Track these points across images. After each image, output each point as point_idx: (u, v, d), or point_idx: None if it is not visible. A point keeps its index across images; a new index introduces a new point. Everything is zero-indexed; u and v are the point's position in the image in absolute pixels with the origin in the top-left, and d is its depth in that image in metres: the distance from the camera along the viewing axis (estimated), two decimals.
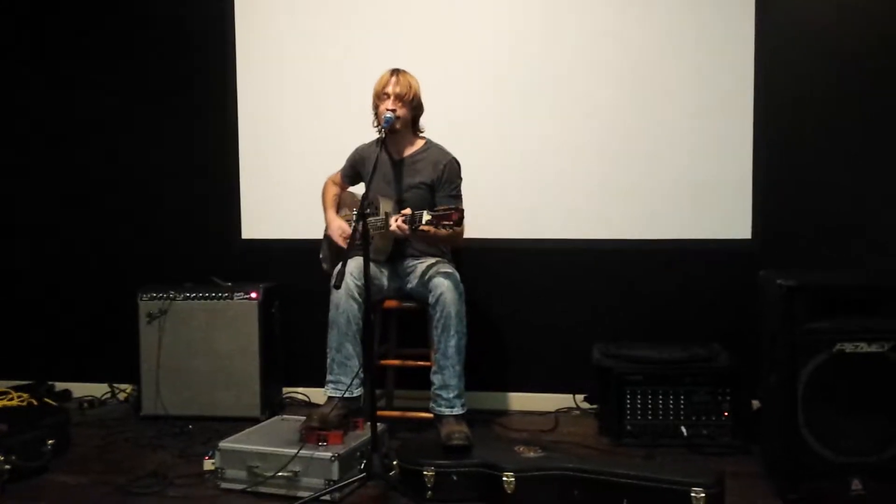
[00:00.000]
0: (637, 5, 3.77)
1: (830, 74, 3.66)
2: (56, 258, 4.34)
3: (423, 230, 2.99)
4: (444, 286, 3.12)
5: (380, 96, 3.28)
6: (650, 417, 3.36)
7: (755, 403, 3.31)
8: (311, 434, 2.89)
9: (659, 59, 3.77)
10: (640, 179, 3.81)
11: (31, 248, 4.36)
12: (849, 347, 2.64)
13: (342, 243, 3.33)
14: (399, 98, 3.23)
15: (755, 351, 3.11)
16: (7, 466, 2.88)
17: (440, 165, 3.31)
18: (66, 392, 4.25)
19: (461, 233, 3.28)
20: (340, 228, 3.39)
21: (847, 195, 3.66)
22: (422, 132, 3.42)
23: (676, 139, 3.78)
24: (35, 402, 3.89)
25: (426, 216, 2.91)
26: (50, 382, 4.25)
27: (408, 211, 3.00)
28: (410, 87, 3.26)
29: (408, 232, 3.01)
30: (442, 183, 3.31)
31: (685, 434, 3.29)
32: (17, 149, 4.36)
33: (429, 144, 3.40)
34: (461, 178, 3.37)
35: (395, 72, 3.28)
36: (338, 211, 3.54)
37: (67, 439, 3.36)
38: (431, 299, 3.15)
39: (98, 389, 4.20)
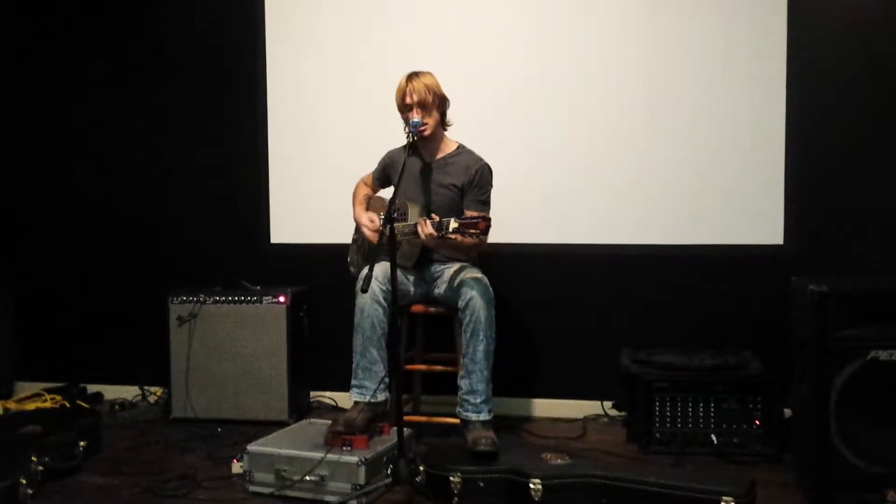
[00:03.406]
0: (666, 7, 3.75)
1: (864, 77, 3.60)
2: (88, 262, 4.40)
3: (448, 238, 3.01)
4: (474, 291, 3.12)
5: (402, 109, 3.26)
6: (679, 425, 3.32)
7: (787, 412, 3.25)
8: (337, 438, 2.90)
9: (688, 62, 3.74)
10: (670, 184, 3.77)
11: (64, 253, 4.43)
12: (883, 355, 2.60)
13: (371, 235, 3.30)
14: (421, 106, 3.20)
15: (787, 358, 3.07)
16: (40, 467, 2.92)
17: (472, 170, 3.30)
18: (98, 395, 4.30)
19: (485, 240, 3.27)
20: (370, 218, 3.33)
21: (881, 200, 3.60)
22: (450, 124, 3.40)
23: (707, 143, 3.74)
24: (67, 405, 3.95)
25: (453, 223, 2.91)
26: (82, 385, 4.30)
27: (435, 217, 3.00)
28: (428, 89, 3.21)
29: (436, 238, 3.01)
30: (472, 187, 3.30)
31: (715, 442, 3.25)
32: (51, 153, 4.43)
33: (461, 149, 3.39)
34: (492, 185, 3.36)
35: (409, 78, 3.23)
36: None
37: (99, 441, 3.40)
38: (461, 304, 3.14)
39: (129, 392, 4.25)
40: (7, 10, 4.41)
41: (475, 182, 3.30)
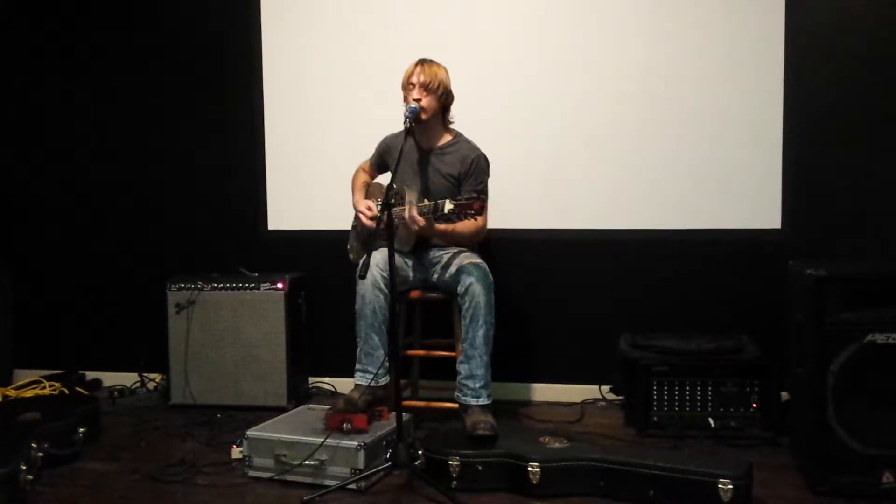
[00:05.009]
0: None
1: (863, 61, 3.59)
2: (86, 249, 4.40)
3: (440, 229, 3.05)
4: (474, 276, 3.12)
5: (405, 87, 3.27)
6: (677, 409, 3.33)
7: (784, 395, 3.27)
8: (336, 416, 2.91)
9: (687, 49, 3.72)
10: (667, 169, 3.77)
11: (62, 240, 4.42)
12: (880, 338, 2.60)
13: (367, 221, 3.31)
14: (424, 87, 3.21)
15: (784, 342, 3.08)
16: (40, 454, 2.92)
17: (468, 160, 3.30)
18: (97, 381, 4.31)
19: (482, 228, 3.27)
20: (367, 206, 3.33)
21: (879, 184, 3.60)
22: (452, 122, 3.41)
23: (705, 128, 3.73)
24: (66, 392, 3.95)
25: (448, 205, 2.91)
26: (81, 372, 4.31)
27: (426, 202, 3.01)
28: (436, 76, 3.23)
29: (422, 222, 3.02)
30: (469, 177, 3.29)
31: (713, 426, 3.27)
32: (49, 142, 4.42)
33: (458, 138, 3.39)
34: (488, 175, 3.36)
35: (421, 62, 3.26)
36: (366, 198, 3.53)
37: (98, 428, 3.41)
38: (460, 289, 3.15)
39: (128, 379, 4.26)
40: (8, 8, 4.39)
41: (471, 172, 3.30)
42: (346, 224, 3.64)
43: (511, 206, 3.77)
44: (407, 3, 3.96)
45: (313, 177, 4.10)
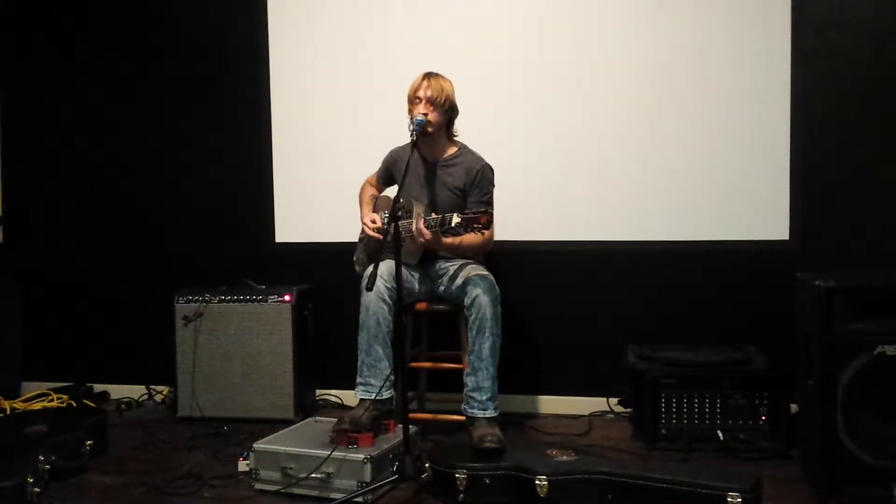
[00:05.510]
0: (669, 2, 3.73)
1: (871, 69, 3.58)
2: (94, 262, 4.41)
3: (447, 242, 3.06)
4: (480, 288, 3.12)
5: (412, 100, 3.28)
6: (685, 421, 3.31)
7: (793, 407, 3.25)
8: (342, 436, 2.90)
9: (692, 57, 3.72)
10: (675, 180, 3.76)
11: (70, 253, 4.44)
12: (890, 350, 2.59)
13: (371, 232, 3.32)
14: (431, 102, 3.22)
15: (793, 354, 3.06)
16: (47, 467, 2.93)
17: (473, 171, 3.31)
18: (105, 394, 4.31)
19: (489, 240, 3.28)
20: (371, 219, 3.35)
21: (887, 195, 3.58)
22: (456, 135, 3.42)
23: (712, 138, 3.73)
24: (74, 404, 3.97)
25: (456, 218, 2.92)
26: (88, 384, 4.32)
27: (433, 215, 3.01)
28: (443, 90, 3.25)
29: (429, 236, 3.03)
30: (474, 188, 3.31)
31: (721, 438, 3.24)
32: (57, 156, 4.44)
33: (463, 150, 3.40)
34: (493, 185, 3.36)
35: (428, 75, 3.28)
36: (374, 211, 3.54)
37: (105, 440, 3.41)
38: (467, 301, 3.14)
39: (135, 391, 4.26)
40: (8, 8, 4.42)
41: (476, 183, 3.31)
42: (353, 236, 3.65)
43: (515, 217, 3.77)
44: (412, 14, 3.97)
45: (321, 190, 4.10)
